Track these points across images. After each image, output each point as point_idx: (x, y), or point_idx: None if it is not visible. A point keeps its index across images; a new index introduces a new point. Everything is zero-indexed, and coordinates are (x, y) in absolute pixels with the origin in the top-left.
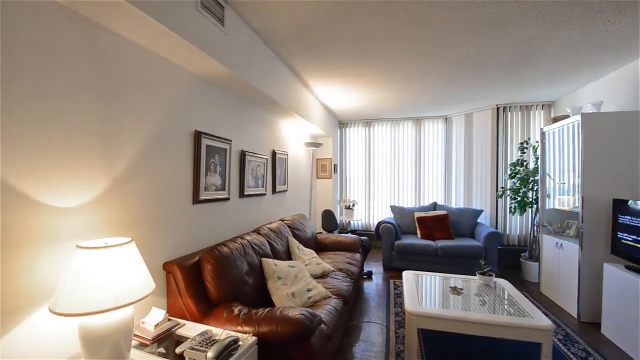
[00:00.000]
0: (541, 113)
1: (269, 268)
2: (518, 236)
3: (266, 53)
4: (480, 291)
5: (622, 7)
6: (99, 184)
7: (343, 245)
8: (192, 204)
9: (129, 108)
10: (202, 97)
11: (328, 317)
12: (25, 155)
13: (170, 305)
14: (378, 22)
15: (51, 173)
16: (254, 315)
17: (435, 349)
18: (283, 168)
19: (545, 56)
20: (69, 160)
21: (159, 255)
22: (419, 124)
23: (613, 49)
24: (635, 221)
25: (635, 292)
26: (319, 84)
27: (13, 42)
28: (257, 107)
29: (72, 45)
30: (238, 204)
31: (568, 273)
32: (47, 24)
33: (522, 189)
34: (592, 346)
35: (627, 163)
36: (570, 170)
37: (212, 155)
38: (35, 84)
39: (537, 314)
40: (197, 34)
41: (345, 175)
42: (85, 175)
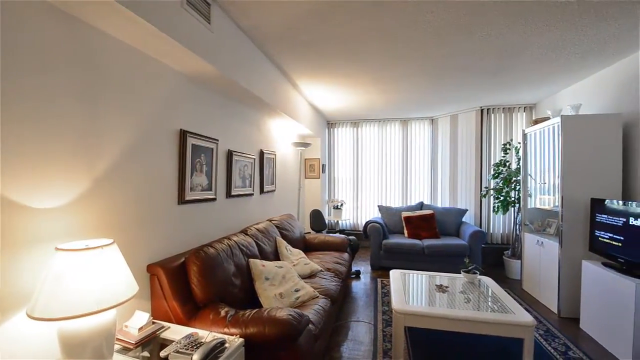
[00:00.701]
0: (523, 115)
1: (257, 269)
2: (501, 235)
3: (254, 52)
4: (465, 289)
5: (599, 13)
6: (80, 184)
7: (331, 245)
8: (178, 204)
9: (110, 106)
10: (188, 96)
11: (316, 317)
12: (1, 154)
13: (155, 308)
14: (365, 23)
15: (29, 173)
16: (241, 317)
17: (421, 347)
18: (271, 168)
19: (527, 60)
20: (48, 159)
21: (143, 257)
22: (406, 125)
23: (591, 53)
24: (611, 220)
25: (611, 288)
26: (308, 84)
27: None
28: (244, 106)
29: (51, 41)
30: (225, 204)
31: (548, 270)
32: (24, 19)
33: (505, 189)
34: (572, 341)
35: (604, 164)
36: (550, 170)
37: (198, 155)
38: (13, 83)
39: (519, 310)
40: (181, 31)
41: (333, 175)
42: (65, 175)
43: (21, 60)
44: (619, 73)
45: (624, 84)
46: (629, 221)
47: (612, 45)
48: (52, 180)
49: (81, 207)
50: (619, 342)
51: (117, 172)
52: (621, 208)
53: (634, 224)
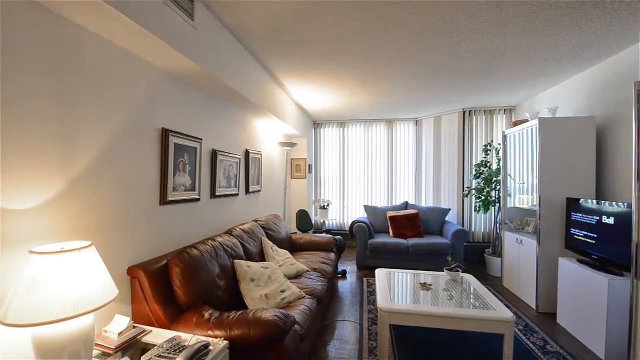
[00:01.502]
0: (503, 117)
1: (242, 270)
2: (482, 233)
3: (239, 50)
4: (448, 286)
5: (575, 19)
6: (55, 184)
7: (317, 245)
8: (160, 205)
9: (88, 104)
10: (170, 94)
11: (302, 318)
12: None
13: (136, 311)
14: (350, 24)
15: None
16: (225, 319)
17: (406, 344)
18: (256, 168)
19: (507, 64)
20: (19, 158)
21: (123, 260)
22: (391, 126)
23: (566, 58)
24: (585, 218)
25: (586, 283)
26: (294, 84)
27: None
28: (229, 105)
29: (24, 35)
30: (209, 204)
31: (527, 267)
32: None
33: (486, 189)
34: (549, 335)
35: (579, 164)
36: (529, 170)
37: (181, 155)
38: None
39: (499, 306)
40: (163, 27)
41: (319, 175)
42: (38, 175)
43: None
44: (593, 78)
45: (597, 89)
46: (601, 219)
47: (585, 51)
48: (25, 180)
49: (57, 208)
50: (593, 336)
51: (95, 172)
52: (595, 207)
53: (606, 222)
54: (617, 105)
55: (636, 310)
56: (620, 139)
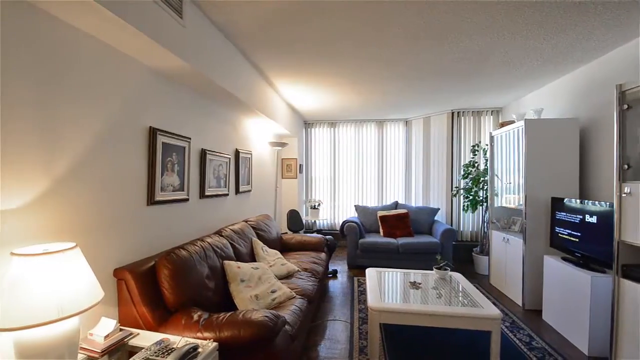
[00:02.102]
0: (490, 118)
1: (232, 271)
2: (470, 232)
3: (229, 49)
4: (437, 285)
5: (559, 23)
6: (37, 184)
7: (308, 245)
8: (147, 205)
9: (72, 102)
10: (159, 92)
11: (292, 318)
12: None
13: (123, 314)
14: (341, 24)
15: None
16: (215, 320)
17: (396, 342)
18: (247, 168)
19: (494, 66)
20: (1, 158)
21: (109, 262)
22: (382, 126)
23: (551, 61)
24: (569, 217)
25: (570, 281)
26: (284, 83)
27: None
28: (219, 104)
29: (5, 30)
30: (198, 205)
31: (514, 265)
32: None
33: (474, 189)
34: (535, 331)
35: (563, 165)
36: (515, 171)
37: (170, 154)
38: None
39: (487, 304)
40: (150, 24)
41: (310, 175)
42: (22, 175)
43: None
44: (576, 80)
45: (580, 91)
46: (585, 218)
47: (569, 55)
48: (7, 180)
49: (41, 209)
50: (577, 332)
51: (80, 172)
52: (578, 206)
53: (589, 221)
54: (600, 107)
55: (618, 307)
56: (602, 141)
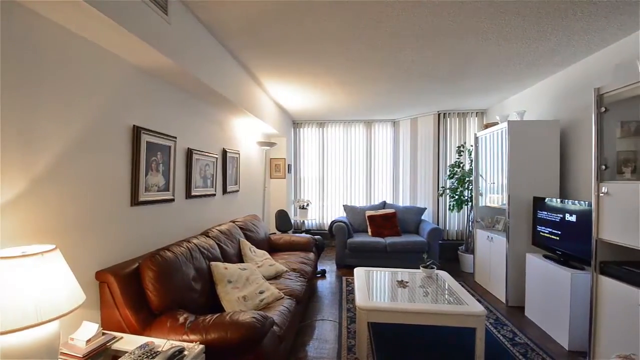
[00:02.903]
0: (475, 120)
1: (219, 272)
2: (456, 231)
3: (216, 48)
4: (424, 283)
5: (541, 28)
6: (14, 184)
7: (297, 245)
8: (131, 206)
9: (52, 99)
10: (143, 90)
11: (281, 319)
12: None
13: (106, 317)
14: (328, 24)
15: None
16: (201, 323)
17: (384, 341)
18: (234, 167)
19: (479, 69)
20: None
21: (91, 264)
22: (370, 126)
23: (533, 64)
24: (550, 216)
25: (551, 278)
26: (273, 83)
27: None
28: (206, 103)
29: None
30: (184, 205)
31: (497, 263)
32: None
33: (459, 189)
34: (518, 327)
35: (544, 165)
36: (499, 171)
37: (154, 153)
38: None
39: (472, 301)
40: (134, 19)
41: (299, 175)
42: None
43: None
44: (557, 83)
45: (561, 94)
46: (565, 217)
47: (550, 59)
48: None
49: (18, 210)
50: (558, 327)
51: (60, 171)
52: (559, 205)
53: (569, 220)
54: (579, 110)
55: (596, 302)
56: (581, 142)
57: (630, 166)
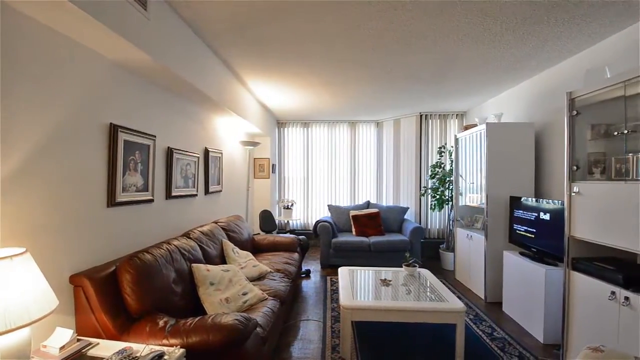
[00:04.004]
0: (455, 121)
1: (200, 274)
2: (437, 230)
3: (198, 45)
4: (407, 281)
5: (518, 34)
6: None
7: (281, 246)
8: (107, 206)
9: (22, 95)
10: (121, 87)
11: (264, 320)
12: None
13: (81, 323)
14: (312, 25)
15: None
16: (182, 326)
17: (368, 339)
18: (217, 167)
19: (458, 72)
20: None
21: (65, 267)
22: (354, 127)
23: (511, 69)
24: (526, 214)
25: (526, 274)
26: (257, 82)
27: None
28: (187, 101)
29: None
30: (164, 206)
31: (476, 260)
32: None
33: (441, 188)
34: (496, 323)
35: (520, 166)
36: (477, 171)
37: (132, 152)
38: None
39: (452, 298)
40: (110, 13)
41: (283, 175)
42: None
43: None
44: (532, 87)
45: (536, 97)
46: (539, 216)
47: (526, 63)
48: None
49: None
50: (533, 321)
51: (31, 171)
52: (534, 204)
53: (543, 218)
54: (552, 112)
55: (568, 297)
56: (555, 144)
57: (600, 167)
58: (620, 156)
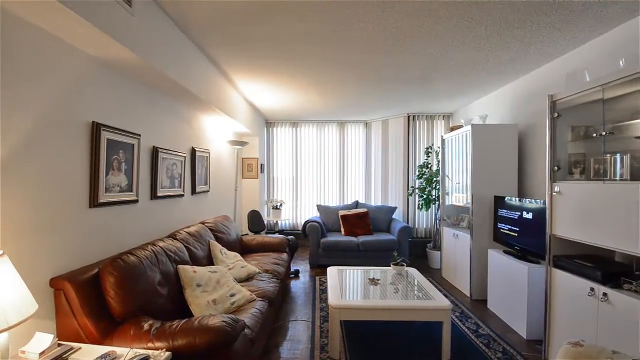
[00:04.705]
0: (442, 122)
1: (187, 275)
2: (424, 229)
3: (185, 43)
4: (395, 280)
5: (502, 37)
6: None
7: (269, 246)
8: (89, 207)
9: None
10: (104, 85)
11: (252, 321)
12: None
13: (62, 327)
14: (300, 25)
15: None
16: (167, 329)
17: (356, 338)
18: (204, 167)
19: (445, 74)
20: None
21: (45, 270)
22: (343, 127)
23: (495, 71)
24: (509, 214)
25: (510, 272)
26: (245, 81)
27: None
28: (173, 100)
29: None
30: (149, 206)
31: (462, 259)
32: None
33: (428, 188)
34: (481, 319)
35: (504, 166)
36: (463, 171)
37: (116, 152)
38: None
39: (439, 296)
40: (93, 9)
41: (272, 175)
42: None
43: None
44: (516, 90)
45: (519, 99)
46: (522, 215)
47: (510, 66)
48: None
49: None
50: (517, 318)
51: (8, 170)
52: (517, 204)
53: (526, 217)
54: (535, 114)
55: (550, 293)
56: (537, 145)
57: (580, 167)
58: (598, 157)
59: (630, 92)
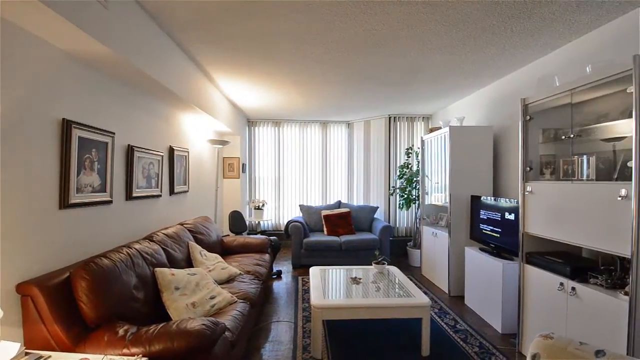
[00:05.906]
0: (422, 124)
1: (165, 278)
2: (405, 228)
3: (162, 39)
4: (376, 279)
5: (478, 42)
6: None
7: (251, 247)
8: (60, 208)
9: None
10: (76, 81)
11: (233, 323)
12: None
13: (30, 335)
14: (282, 24)
15: None
16: (144, 334)
17: (338, 337)
18: (183, 166)
19: (425, 76)
20: None
21: (10, 276)
22: (325, 128)
23: (471, 75)
24: (485, 213)
25: (486, 268)
26: (225, 79)
27: None
28: (150, 97)
29: None
30: (124, 207)
31: (441, 257)
32: None
33: (408, 188)
34: (459, 315)
35: (480, 167)
36: (442, 171)
37: (88, 150)
38: None
39: (419, 293)
40: (63, 0)
41: (254, 175)
42: None
43: None
44: (491, 93)
45: (494, 103)
46: (497, 213)
47: (485, 70)
48: None
49: None
50: (492, 313)
51: None
52: (492, 203)
53: (501, 216)
54: (509, 117)
55: (523, 289)
56: (510, 146)
57: (550, 168)
58: (567, 158)
59: (596, 97)
